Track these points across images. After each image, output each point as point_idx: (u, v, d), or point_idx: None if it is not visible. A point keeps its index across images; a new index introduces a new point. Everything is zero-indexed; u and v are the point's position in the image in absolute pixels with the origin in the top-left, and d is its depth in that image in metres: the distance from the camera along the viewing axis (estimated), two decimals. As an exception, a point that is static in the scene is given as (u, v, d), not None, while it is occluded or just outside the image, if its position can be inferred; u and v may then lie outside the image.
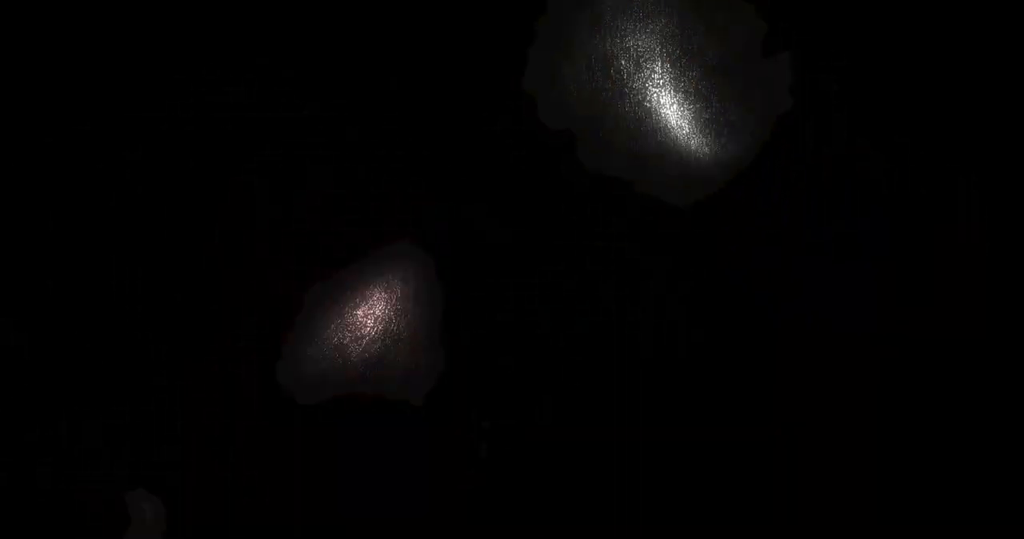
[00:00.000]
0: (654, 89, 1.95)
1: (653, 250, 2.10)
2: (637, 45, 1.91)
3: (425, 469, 2.09)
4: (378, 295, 2.02)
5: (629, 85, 1.95)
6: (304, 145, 2.09)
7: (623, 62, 1.96)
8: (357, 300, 2.02)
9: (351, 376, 2.03)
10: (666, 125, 1.97)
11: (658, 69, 1.94)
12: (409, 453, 2.09)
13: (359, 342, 2.02)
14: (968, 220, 2.11)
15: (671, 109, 1.95)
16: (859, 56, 2.10)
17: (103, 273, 2.08)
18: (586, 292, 2.10)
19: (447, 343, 2.06)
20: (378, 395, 2.05)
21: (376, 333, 2.02)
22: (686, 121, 1.94)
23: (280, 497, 2.09)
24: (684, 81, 1.95)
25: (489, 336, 2.10)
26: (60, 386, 2.07)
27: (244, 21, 2.10)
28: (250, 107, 2.09)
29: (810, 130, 2.09)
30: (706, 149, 2.00)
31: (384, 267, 2.03)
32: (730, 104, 1.99)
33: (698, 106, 1.98)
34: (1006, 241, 2.10)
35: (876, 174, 2.10)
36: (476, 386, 2.11)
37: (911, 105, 2.11)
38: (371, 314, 2.03)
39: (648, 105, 1.96)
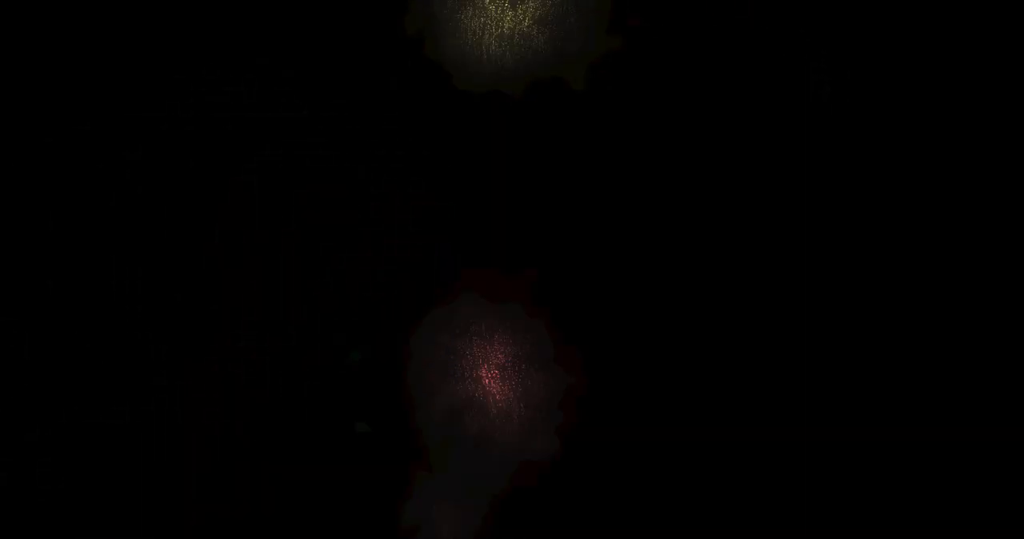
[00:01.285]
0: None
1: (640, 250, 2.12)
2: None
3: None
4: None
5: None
6: (304, 145, 2.10)
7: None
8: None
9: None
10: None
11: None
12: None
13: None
14: (961, 217, 2.13)
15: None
16: (852, 57, 2.13)
17: (103, 273, 2.08)
18: (587, 290, 2.12)
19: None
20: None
21: None
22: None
23: (279, 497, 2.09)
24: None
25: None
26: (60, 386, 2.06)
27: (244, 21, 2.10)
28: (250, 107, 2.10)
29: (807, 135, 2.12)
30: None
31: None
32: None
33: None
34: (1004, 240, 2.13)
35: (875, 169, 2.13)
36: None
37: (904, 104, 2.14)
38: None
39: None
